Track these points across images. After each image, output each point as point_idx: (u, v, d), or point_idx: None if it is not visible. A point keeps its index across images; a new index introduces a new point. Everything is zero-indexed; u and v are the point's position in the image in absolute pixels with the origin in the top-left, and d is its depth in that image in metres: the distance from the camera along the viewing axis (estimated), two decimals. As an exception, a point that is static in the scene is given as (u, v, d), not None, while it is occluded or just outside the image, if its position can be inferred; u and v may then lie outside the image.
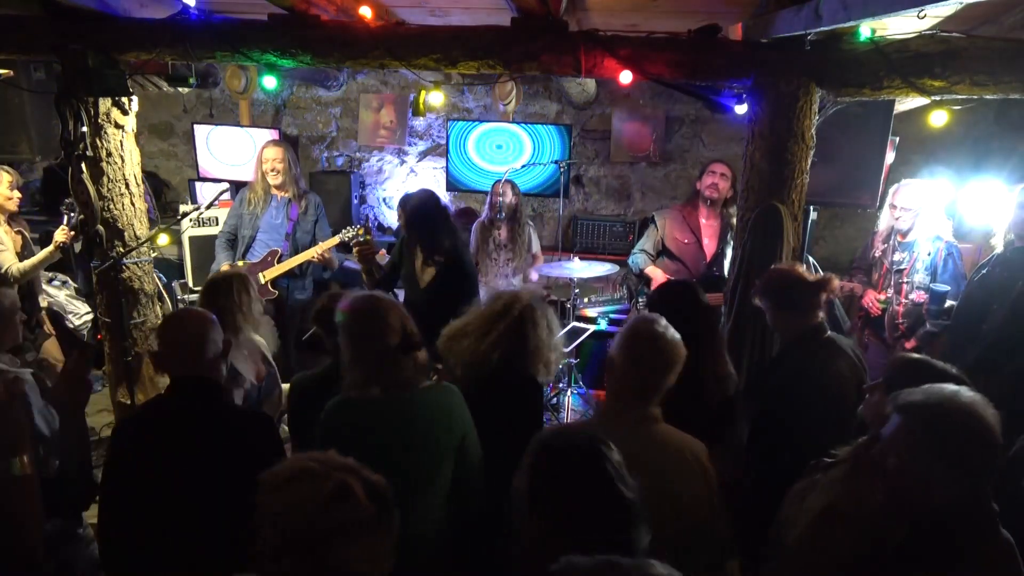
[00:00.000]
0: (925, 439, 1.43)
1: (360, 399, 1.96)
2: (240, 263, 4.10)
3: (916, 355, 1.98)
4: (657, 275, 4.06)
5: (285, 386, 2.92)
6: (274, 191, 4.22)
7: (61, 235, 3.65)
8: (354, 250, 3.52)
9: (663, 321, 1.87)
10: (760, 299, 2.47)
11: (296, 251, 4.15)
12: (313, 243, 4.19)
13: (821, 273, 2.56)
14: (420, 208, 3.36)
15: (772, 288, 2.43)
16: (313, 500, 1.24)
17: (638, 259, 4.21)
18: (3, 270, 3.74)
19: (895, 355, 2.35)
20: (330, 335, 2.45)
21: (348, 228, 3.99)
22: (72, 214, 3.50)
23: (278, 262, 4.08)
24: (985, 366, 2.99)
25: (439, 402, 2.01)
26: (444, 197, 4.95)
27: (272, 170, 4.13)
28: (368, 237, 3.55)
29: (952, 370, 1.83)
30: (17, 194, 3.79)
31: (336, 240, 4.04)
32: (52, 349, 4.29)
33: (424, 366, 2.04)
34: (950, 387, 1.50)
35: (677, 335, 1.85)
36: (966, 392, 1.47)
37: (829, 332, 2.40)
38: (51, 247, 3.69)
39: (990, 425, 1.41)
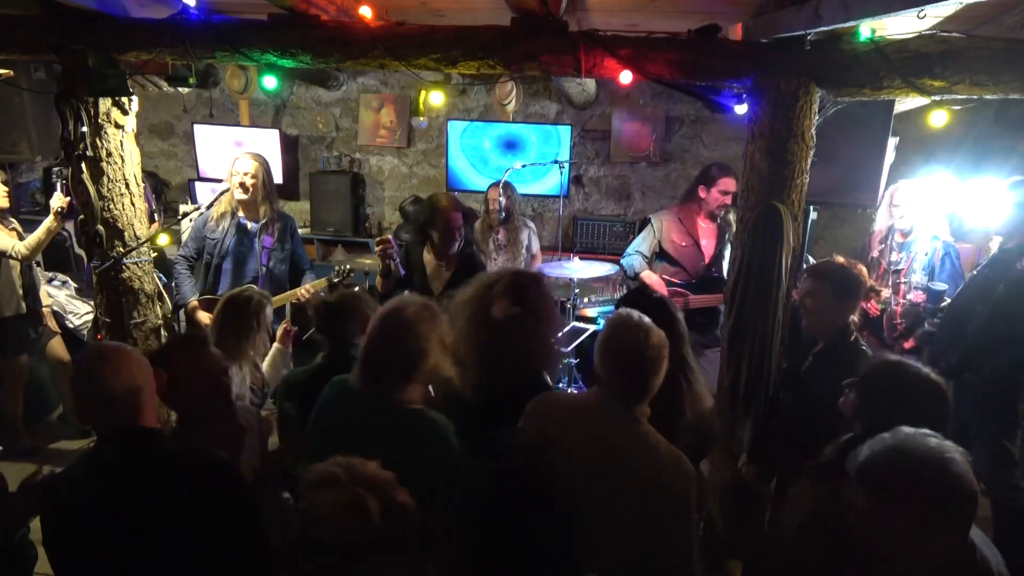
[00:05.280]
0: (890, 512, 1.34)
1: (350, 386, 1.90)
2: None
3: (892, 357, 1.98)
4: (652, 279, 4.04)
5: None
6: (241, 212, 3.71)
7: (58, 201, 3.56)
8: (376, 248, 3.34)
9: (635, 316, 1.83)
10: (815, 281, 2.47)
11: (272, 284, 3.70)
12: (293, 273, 3.88)
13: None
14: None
15: (835, 275, 2.45)
16: (329, 511, 1.26)
17: (634, 261, 4.17)
18: (9, 251, 3.73)
19: (872, 355, 2.36)
20: (325, 332, 2.47)
21: (336, 269, 3.73)
22: (64, 181, 3.40)
23: None
24: (966, 366, 3.01)
25: (418, 429, 1.87)
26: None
27: (240, 185, 3.62)
28: (388, 236, 3.49)
29: (931, 374, 1.82)
30: (5, 189, 3.78)
31: (323, 283, 3.72)
32: (57, 348, 4.30)
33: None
34: (910, 446, 1.37)
35: (656, 330, 1.81)
36: (926, 445, 1.36)
37: (855, 334, 2.43)
38: (50, 217, 3.63)
39: (957, 478, 1.31)
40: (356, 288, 3.93)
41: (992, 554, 1.46)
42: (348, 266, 3.78)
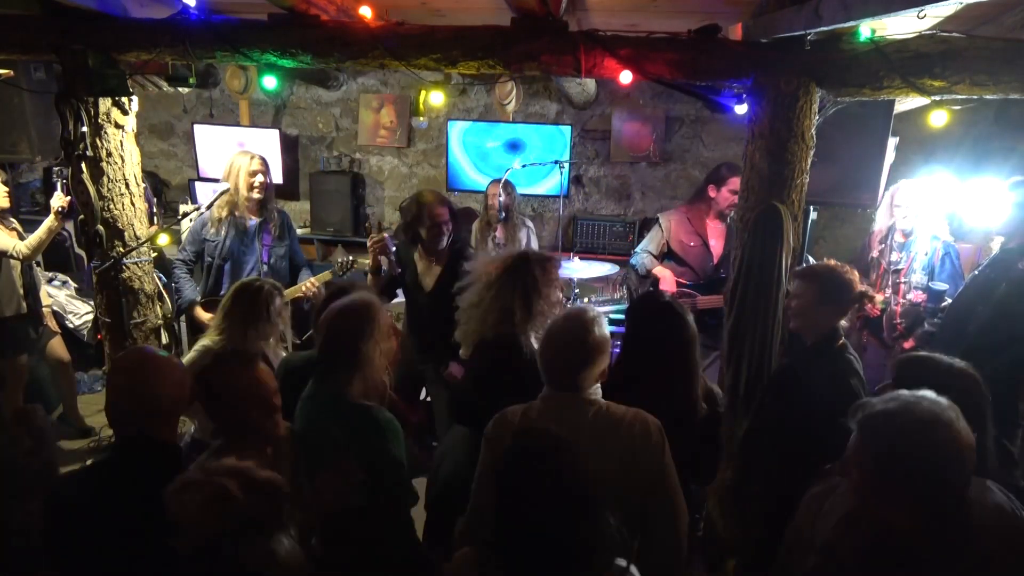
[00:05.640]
0: (877, 465, 1.37)
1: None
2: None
3: (920, 352, 1.98)
4: (666, 275, 4.00)
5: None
6: (241, 212, 3.71)
7: (58, 201, 3.57)
8: (369, 247, 3.39)
9: (591, 313, 1.89)
10: (803, 283, 2.48)
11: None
12: (291, 267, 3.90)
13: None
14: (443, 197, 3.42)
15: (823, 278, 2.45)
16: (197, 506, 1.31)
17: (644, 259, 4.14)
18: (10, 251, 3.73)
19: (900, 354, 2.36)
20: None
21: (340, 262, 3.79)
22: (64, 181, 3.40)
23: None
24: None
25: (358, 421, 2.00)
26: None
27: (260, 185, 3.67)
28: (383, 235, 3.51)
29: (957, 363, 1.83)
30: (5, 189, 3.78)
31: (328, 275, 3.75)
32: (57, 348, 4.30)
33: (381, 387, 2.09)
34: (912, 403, 1.39)
35: (600, 331, 1.86)
36: (928, 409, 1.36)
37: (843, 339, 2.42)
38: (51, 217, 3.64)
39: (946, 451, 1.32)
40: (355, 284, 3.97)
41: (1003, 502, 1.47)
42: (351, 257, 3.83)
